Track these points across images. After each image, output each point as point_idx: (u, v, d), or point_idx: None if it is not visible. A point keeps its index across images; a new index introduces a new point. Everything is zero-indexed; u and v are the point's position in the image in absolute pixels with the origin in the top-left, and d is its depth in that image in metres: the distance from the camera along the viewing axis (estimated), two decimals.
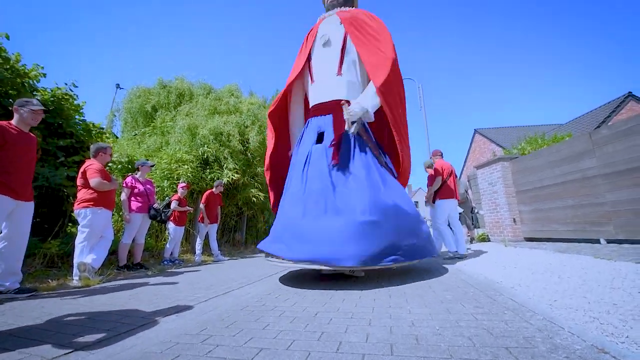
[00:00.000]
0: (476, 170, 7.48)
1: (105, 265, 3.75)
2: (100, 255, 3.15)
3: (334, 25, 3.46)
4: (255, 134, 7.48)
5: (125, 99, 8.86)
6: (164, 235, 5.68)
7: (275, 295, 2.22)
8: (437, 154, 4.74)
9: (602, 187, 4.45)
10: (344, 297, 2.02)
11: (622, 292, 1.79)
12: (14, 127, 2.45)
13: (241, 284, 2.79)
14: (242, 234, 8.17)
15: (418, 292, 2.10)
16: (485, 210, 6.95)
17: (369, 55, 3.18)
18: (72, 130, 4.14)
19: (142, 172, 4.30)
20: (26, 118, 2.51)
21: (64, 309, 1.95)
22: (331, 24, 3.51)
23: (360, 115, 2.92)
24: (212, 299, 2.14)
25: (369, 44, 3.24)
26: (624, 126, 4.13)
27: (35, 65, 4.00)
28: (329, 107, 3.24)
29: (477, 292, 2.00)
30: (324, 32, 3.47)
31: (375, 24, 3.40)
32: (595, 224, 4.59)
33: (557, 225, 5.27)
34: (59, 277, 3.18)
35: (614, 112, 12.63)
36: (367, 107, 2.96)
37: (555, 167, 5.29)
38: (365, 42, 3.25)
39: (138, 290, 2.62)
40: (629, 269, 2.49)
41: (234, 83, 9.14)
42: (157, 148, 6.88)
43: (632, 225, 4.05)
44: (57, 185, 3.71)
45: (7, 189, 2.31)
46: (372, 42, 3.25)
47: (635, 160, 3.97)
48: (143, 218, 4.12)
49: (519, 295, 1.90)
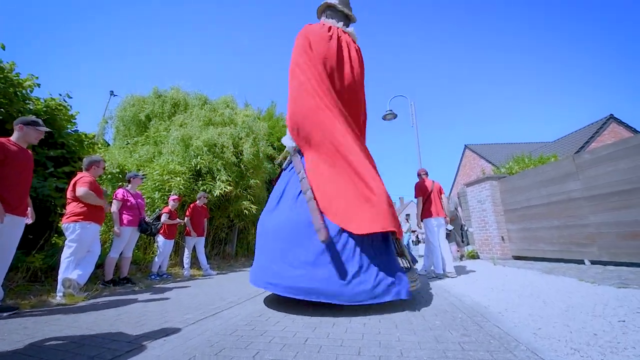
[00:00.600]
0: (466, 187, 7.63)
1: (91, 280, 3.66)
2: (87, 271, 3.09)
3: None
4: (250, 145, 7.50)
5: (118, 107, 8.79)
6: (153, 248, 5.57)
7: (265, 317, 2.20)
8: (421, 174, 4.81)
9: (586, 209, 4.61)
10: (334, 322, 2.02)
11: (602, 321, 1.85)
12: (14, 144, 2.50)
13: (230, 303, 2.76)
14: (233, 247, 8.08)
15: (408, 317, 2.12)
16: (474, 228, 7.06)
17: None
18: (63, 141, 4.10)
19: (133, 184, 4.27)
20: (30, 136, 2.60)
21: (46, 331, 1.90)
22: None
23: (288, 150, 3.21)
24: (201, 321, 2.12)
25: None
26: (605, 152, 4.32)
27: (29, 75, 3.98)
28: None
29: (465, 318, 2.03)
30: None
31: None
32: (580, 245, 4.72)
33: (543, 245, 5.39)
34: (41, 293, 3.09)
35: (597, 134, 13.15)
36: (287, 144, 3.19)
37: (542, 187, 5.46)
38: None
39: (124, 309, 2.56)
40: (611, 295, 2.57)
41: (229, 94, 9.20)
42: (149, 158, 6.82)
43: (615, 248, 4.18)
44: (45, 196, 3.64)
45: (4, 203, 2.32)
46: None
47: (615, 184, 4.14)
48: (133, 231, 4.06)
49: (505, 321, 1.94)
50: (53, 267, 3.62)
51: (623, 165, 4.05)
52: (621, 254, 4.09)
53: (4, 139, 2.44)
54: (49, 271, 3.62)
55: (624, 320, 1.84)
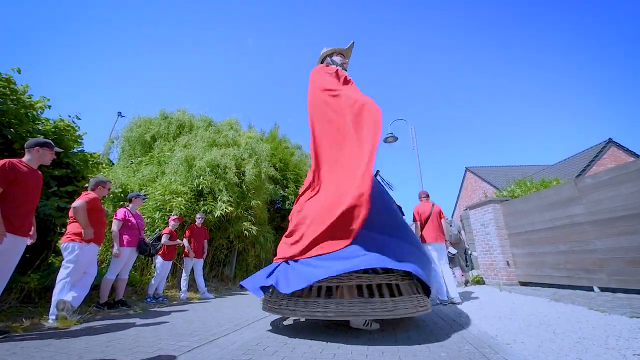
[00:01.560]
0: (469, 211, 7.57)
1: (85, 302, 3.56)
2: (82, 293, 3.02)
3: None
4: (252, 167, 7.56)
5: (125, 128, 8.99)
6: (150, 270, 5.47)
7: (263, 346, 2.12)
8: (422, 196, 4.78)
9: (591, 234, 4.53)
10: (335, 353, 1.93)
11: (616, 354, 1.76)
12: (25, 165, 2.55)
13: (227, 329, 2.67)
14: (232, 269, 7.90)
15: (412, 349, 2.03)
16: (478, 252, 6.92)
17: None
18: (68, 161, 4.16)
19: (134, 204, 4.27)
20: (45, 157, 2.69)
21: (36, 357, 1.83)
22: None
23: None
24: (196, 349, 2.04)
25: None
26: (606, 176, 4.32)
27: (41, 97, 4.12)
28: None
29: (472, 350, 1.95)
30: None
31: None
32: (587, 271, 4.60)
33: (550, 270, 5.26)
34: (33, 316, 3.00)
35: (597, 157, 13.23)
36: None
37: (545, 211, 5.41)
38: None
39: (118, 334, 2.47)
40: (623, 325, 2.46)
41: (234, 117, 9.41)
42: (152, 178, 6.87)
43: (624, 274, 4.07)
44: (47, 215, 3.64)
45: (8, 223, 2.34)
46: None
47: (618, 209, 4.11)
48: (131, 252, 4.01)
49: (514, 354, 1.85)
50: (48, 287, 3.53)
51: (624, 190, 4.03)
52: (630, 281, 3.97)
53: (15, 160, 2.49)
54: (43, 292, 3.54)
55: (639, 353, 1.76)
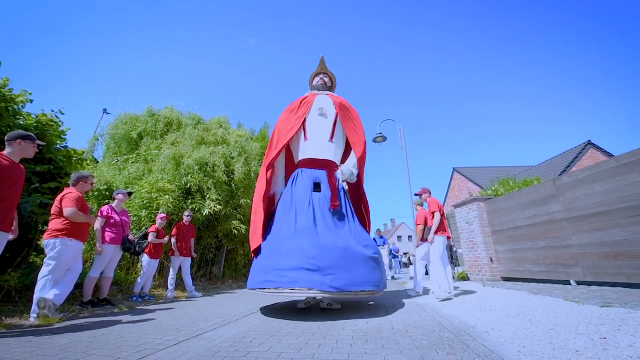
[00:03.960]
0: (454, 209, 7.76)
1: (68, 301, 3.49)
2: (65, 291, 2.95)
3: (328, 104, 4.32)
4: (241, 165, 7.53)
5: (110, 124, 8.76)
6: (136, 268, 5.38)
7: (250, 338, 2.14)
8: (427, 192, 4.87)
9: (568, 230, 4.74)
10: (320, 342, 1.98)
11: (585, 338, 1.87)
12: (6, 158, 2.48)
13: (214, 325, 2.67)
14: (220, 268, 7.84)
15: (395, 336, 2.09)
16: (463, 249, 7.10)
17: (351, 134, 4.21)
18: (51, 156, 4.06)
19: (118, 201, 4.20)
20: (28, 150, 2.61)
21: (17, 352, 1.80)
22: (325, 101, 4.35)
23: (348, 176, 3.94)
24: (182, 342, 2.04)
25: (351, 125, 4.28)
26: (582, 174, 4.53)
27: (22, 91, 4.00)
28: (322, 163, 4.00)
29: (451, 337, 2.03)
30: (320, 105, 4.29)
31: (353, 111, 4.47)
32: (565, 265, 4.80)
33: (530, 266, 5.46)
34: (14, 314, 2.93)
35: (576, 158, 13.76)
36: (354, 172, 4.00)
37: (526, 209, 5.61)
38: (349, 123, 4.27)
39: (101, 331, 2.45)
40: (594, 313, 2.61)
41: (223, 115, 9.33)
42: (138, 176, 6.74)
43: (597, 268, 4.27)
44: (28, 212, 3.54)
45: None
46: (352, 124, 4.30)
47: (592, 206, 4.31)
48: (115, 250, 3.94)
49: (491, 340, 1.94)
50: (29, 286, 3.45)
51: (599, 187, 4.24)
52: (603, 274, 4.18)
53: None
54: (24, 291, 3.45)
55: (605, 337, 1.87)
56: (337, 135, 4.24)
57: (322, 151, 4.08)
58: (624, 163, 3.97)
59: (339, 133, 4.25)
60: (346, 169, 3.97)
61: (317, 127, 4.20)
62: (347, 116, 4.31)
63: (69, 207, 3.04)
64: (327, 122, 4.22)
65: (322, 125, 4.21)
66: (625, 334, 1.92)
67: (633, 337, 1.85)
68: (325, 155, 4.07)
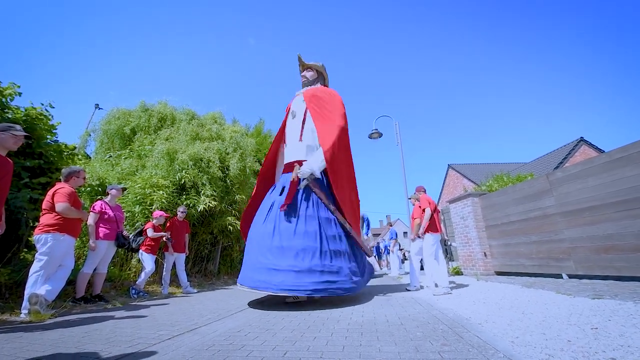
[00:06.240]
0: (449, 204, 7.82)
1: (60, 297, 3.45)
2: (57, 287, 2.92)
3: (300, 101, 4.31)
4: (237, 161, 7.47)
5: (103, 120, 8.61)
6: (129, 264, 5.33)
7: (245, 332, 2.13)
8: (421, 190, 4.89)
9: (561, 224, 4.80)
10: (316, 335, 1.98)
11: (576, 329, 1.90)
12: None
13: (209, 319, 2.66)
14: (216, 264, 7.81)
15: (390, 329, 2.10)
16: (458, 244, 7.17)
17: (321, 125, 3.98)
18: (41, 151, 3.97)
19: (112, 196, 4.14)
20: (7, 142, 2.47)
21: (6, 348, 1.77)
22: (299, 100, 4.35)
23: (306, 174, 3.67)
24: (176, 337, 2.03)
25: (322, 114, 4.08)
26: (574, 170, 4.58)
27: (11, 84, 3.91)
28: (291, 166, 3.95)
29: (445, 329, 2.04)
30: (294, 108, 4.33)
31: (328, 97, 4.26)
32: (557, 259, 4.87)
33: (523, 260, 5.53)
34: (4, 311, 2.88)
35: (569, 155, 13.93)
36: (313, 168, 3.73)
37: (519, 204, 5.67)
38: (319, 114, 4.08)
39: (94, 326, 2.42)
40: (585, 305, 2.65)
41: (218, 110, 9.23)
42: (131, 171, 6.65)
43: (589, 262, 4.34)
44: (17, 208, 3.47)
45: None
46: (325, 114, 4.08)
47: (585, 201, 4.37)
48: (109, 246, 3.89)
49: (484, 332, 1.96)
50: (20, 283, 3.39)
51: (591, 182, 4.29)
52: (595, 267, 4.25)
53: None
54: (14, 288, 3.39)
55: (596, 327, 1.90)
56: (308, 131, 4.11)
57: (294, 153, 4.07)
58: (616, 158, 4.02)
59: (309, 128, 4.11)
60: (305, 166, 3.73)
61: (290, 131, 4.25)
62: (318, 104, 4.14)
63: (62, 202, 2.98)
64: (296, 122, 4.21)
65: (294, 127, 4.22)
66: (615, 325, 1.95)
67: (623, 327, 1.88)
68: (296, 156, 4.00)
